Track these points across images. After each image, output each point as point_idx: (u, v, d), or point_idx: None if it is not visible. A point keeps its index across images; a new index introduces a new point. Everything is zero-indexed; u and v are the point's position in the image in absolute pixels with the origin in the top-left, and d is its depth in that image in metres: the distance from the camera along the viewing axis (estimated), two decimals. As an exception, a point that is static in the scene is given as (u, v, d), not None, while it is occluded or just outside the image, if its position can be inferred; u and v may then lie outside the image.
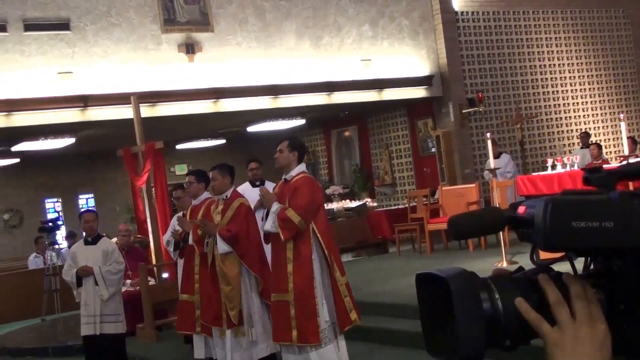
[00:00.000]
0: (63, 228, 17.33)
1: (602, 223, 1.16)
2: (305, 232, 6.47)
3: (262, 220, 6.74)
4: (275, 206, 6.50)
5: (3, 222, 20.24)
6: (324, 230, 6.59)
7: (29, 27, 12.83)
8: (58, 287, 12.74)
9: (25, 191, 20.36)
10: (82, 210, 9.16)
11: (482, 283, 1.21)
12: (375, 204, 18.20)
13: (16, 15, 12.77)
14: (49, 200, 20.97)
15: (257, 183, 9.03)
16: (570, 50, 18.52)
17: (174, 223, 9.09)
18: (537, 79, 18.04)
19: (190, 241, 7.73)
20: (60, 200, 21.05)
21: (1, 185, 20.02)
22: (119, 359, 8.71)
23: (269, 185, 8.40)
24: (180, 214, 9.00)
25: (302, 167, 6.79)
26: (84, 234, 8.85)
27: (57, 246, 13.43)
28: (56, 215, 19.65)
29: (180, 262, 8.84)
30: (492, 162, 14.51)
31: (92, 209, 9.15)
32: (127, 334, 9.02)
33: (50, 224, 13.53)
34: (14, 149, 15.74)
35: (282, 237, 6.42)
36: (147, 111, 12.91)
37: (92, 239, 8.66)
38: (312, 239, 6.50)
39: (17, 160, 18.25)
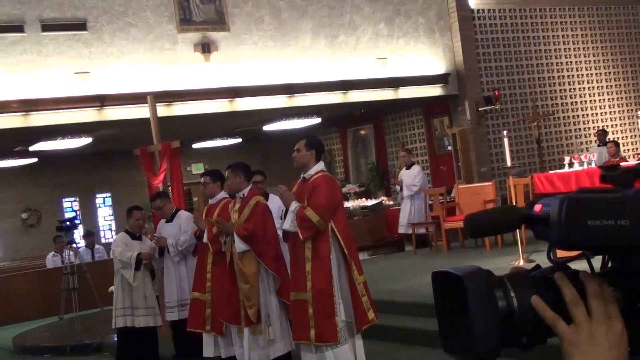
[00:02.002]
0: (81, 227, 17.40)
1: (617, 221, 1.15)
2: (324, 231, 6.44)
3: (281, 219, 6.73)
4: (293, 205, 6.48)
5: (21, 221, 20.36)
6: (343, 229, 6.56)
7: (47, 27, 12.90)
8: (76, 285, 12.81)
9: (42, 190, 20.46)
10: (131, 206, 9.22)
11: (498, 281, 1.21)
12: (391, 203, 18.18)
13: (33, 16, 12.85)
14: (67, 199, 21.07)
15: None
16: (587, 48, 18.43)
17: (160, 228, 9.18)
18: (553, 77, 17.96)
19: (205, 239, 7.76)
20: (77, 199, 21.15)
21: (19, 185, 20.13)
22: (154, 350, 8.89)
23: (273, 199, 8.32)
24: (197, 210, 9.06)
25: (320, 165, 6.76)
26: (129, 229, 8.94)
27: (74, 245, 13.49)
28: (74, 214, 19.73)
29: (169, 269, 8.91)
30: (403, 174, 14.44)
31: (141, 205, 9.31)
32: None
33: (67, 223, 13.58)
34: (32, 148, 15.84)
35: (300, 237, 6.41)
36: (163, 111, 12.95)
37: (139, 235, 8.80)
38: (331, 238, 6.48)
39: (35, 160, 18.35)
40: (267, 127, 17.80)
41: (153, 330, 8.85)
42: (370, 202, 18.09)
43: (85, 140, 15.41)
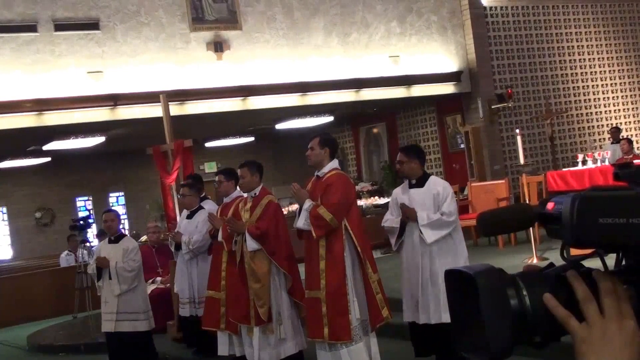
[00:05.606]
0: (94, 226, 17.46)
1: (629, 219, 1.15)
2: (338, 229, 6.45)
3: (296, 217, 6.74)
4: (307, 203, 6.49)
5: (35, 220, 20.45)
6: (356, 227, 6.56)
7: (59, 27, 12.94)
8: (89, 284, 12.83)
9: (56, 190, 20.55)
10: (104, 209, 9.34)
11: (510, 279, 1.21)
12: (404, 201, 18.12)
13: (46, 16, 12.89)
14: (80, 198, 21.15)
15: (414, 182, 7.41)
16: (600, 45, 18.35)
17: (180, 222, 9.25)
18: (566, 74, 17.90)
19: (220, 238, 7.77)
20: (91, 198, 21.23)
21: (33, 184, 20.22)
22: (144, 356, 8.79)
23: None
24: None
25: (334, 163, 6.76)
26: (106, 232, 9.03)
27: (88, 244, 13.53)
28: (87, 213, 19.80)
29: (182, 265, 8.95)
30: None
31: (113, 208, 9.28)
32: (156, 331, 9.11)
33: (81, 222, 13.61)
34: (46, 148, 15.89)
35: (314, 235, 6.42)
36: (176, 109, 12.97)
37: (115, 238, 8.77)
38: (344, 236, 6.48)
39: (49, 159, 18.43)
40: (279, 126, 17.80)
41: (147, 333, 8.81)
42: (382, 201, 18.05)
43: (99, 140, 15.46)
